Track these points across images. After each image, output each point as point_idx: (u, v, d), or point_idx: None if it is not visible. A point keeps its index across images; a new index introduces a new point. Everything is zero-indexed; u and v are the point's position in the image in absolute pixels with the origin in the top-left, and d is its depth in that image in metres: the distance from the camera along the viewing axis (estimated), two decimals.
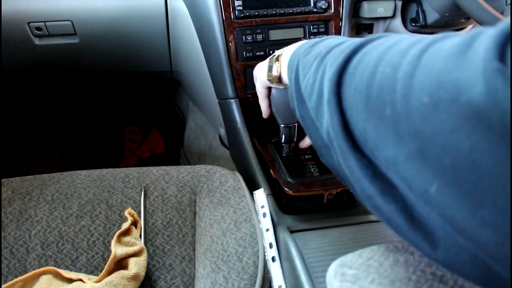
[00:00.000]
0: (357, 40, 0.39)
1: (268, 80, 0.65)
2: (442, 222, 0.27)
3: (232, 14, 0.90)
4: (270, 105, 0.74)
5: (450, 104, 0.23)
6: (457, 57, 0.24)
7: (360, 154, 0.34)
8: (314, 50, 0.47)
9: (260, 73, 0.68)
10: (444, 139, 0.24)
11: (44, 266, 0.68)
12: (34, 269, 0.68)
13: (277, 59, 0.60)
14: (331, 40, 0.46)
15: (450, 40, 0.27)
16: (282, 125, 0.76)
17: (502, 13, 0.82)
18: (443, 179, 0.25)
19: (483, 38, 0.23)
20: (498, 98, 0.21)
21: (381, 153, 0.31)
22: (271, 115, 0.76)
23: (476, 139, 0.22)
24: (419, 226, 0.30)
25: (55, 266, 0.69)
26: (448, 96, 0.24)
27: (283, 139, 0.78)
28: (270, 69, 0.63)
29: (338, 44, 0.42)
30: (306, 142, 0.81)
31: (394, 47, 0.32)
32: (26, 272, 0.68)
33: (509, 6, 0.85)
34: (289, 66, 0.54)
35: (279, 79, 0.61)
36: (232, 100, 0.95)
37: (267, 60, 0.65)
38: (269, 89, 0.72)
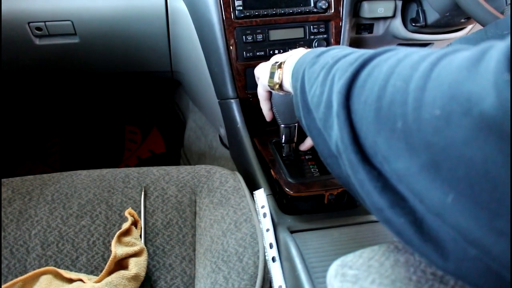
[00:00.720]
0: (365, 52, 0.39)
1: (269, 86, 0.65)
2: (454, 234, 0.27)
3: (232, 14, 0.90)
4: (271, 108, 0.74)
5: (462, 116, 0.24)
6: (469, 70, 0.24)
7: (370, 166, 0.34)
8: (320, 60, 0.47)
9: (262, 76, 0.68)
10: (457, 151, 0.24)
11: (44, 266, 0.68)
12: (34, 269, 0.68)
13: (280, 66, 0.60)
14: (337, 51, 0.46)
15: (461, 54, 0.27)
16: (282, 125, 0.76)
17: (502, 13, 0.82)
18: (458, 191, 0.25)
19: (494, 51, 0.24)
20: (510, 109, 0.21)
21: (392, 165, 0.31)
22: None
23: (489, 150, 0.22)
24: (429, 238, 0.30)
25: (55, 266, 0.69)
26: (460, 108, 0.24)
27: (283, 139, 0.78)
28: (272, 75, 0.62)
29: (345, 55, 0.42)
30: (306, 144, 0.81)
31: (405, 60, 0.32)
32: (26, 272, 0.68)
33: (509, 6, 0.85)
34: (294, 75, 0.53)
35: (280, 86, 0.61)
36: (232, 100, 0.95)
37: (269, 65, 0.64)
38: (270, 92, 0.72)
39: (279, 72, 0.60)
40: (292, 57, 0.58)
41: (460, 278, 0.30)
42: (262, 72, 0.68)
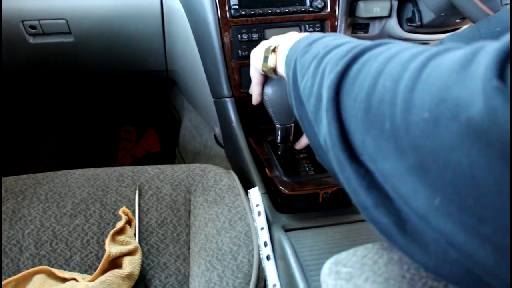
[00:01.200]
0: (356, 45, 0.38)
1: (263, 70, 0.64)
2: (437, 237, 0.27)
3: (228, 13, 0.90)
4: (262, 93, 0.74)
5: (450, 121, 0.23)
6: (458, 73, 0.24)
7: (357, 164, 0.34)
8: (312, 49, 0.46)
9: (255, 61, 0.68)
10: (445, 155, 0.24)
11: (38, 266, 0.68)
12: (27, 269, 0.67)
13: (274, 50, 0.60)
14: (330, 39, 0.46)
15: (451, 54, 0.27)
16: (279, 125, 0.76)
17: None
18: (444, 195, 0.25)
19: (483, 54, 0.23)
20: (497, 117, 0.21)
21: (378, 165, 0.31)
22: (265, 113, 0.76)
23: (476, 157, 0.22)
24: (412, 239, 0.30)
25: (48, 265, 0.68)
26: (448, 112, 0.24)
27: (279, 139, 0.78)
28: (265, 59, 0.62)
29: (337, 45, 0.42)
30: (302, 143, 0.81)
31: (395, 58, 0.31)
32: (19, 272, 0.67)
33: (504, 6, 0.86)
34: (287, 63, 0.53)
35: (274, 71, 0.61)
36: (227, 99, 0.95)
37: (263, 48, 0.64)
38: (264, 76, 0.71)
39: (273, 56, 0.60)
40: (285, 43, 0.57)
41: (442, 278, 0.30)
42: (255, 56, 0.68)
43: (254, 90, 0.74)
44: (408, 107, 0.27)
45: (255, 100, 0.75)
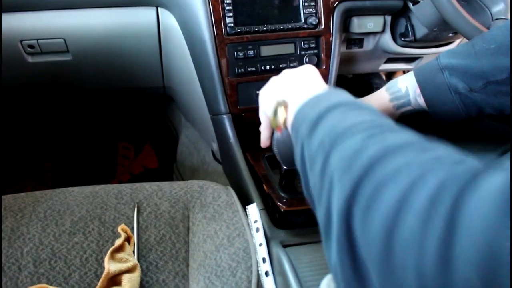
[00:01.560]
0: (364, 141, 0.33)
1: (272, 124, 0.58)
2: None
3: (223, 31, 0.91)
4: (271, 137, 0.71)
5: (507, 281, 0.20)
6: (508, 217, 0.20)
7: None
8: (318, 133, 0.40)
9: (265, 106, 0.61)
10: None
11: (37, 284, 0.68)
12: (26, 287, 0.67)
13: (285, 106, 0.53)
14: (334, 121, 0.40)
15: (487, 185, 0.22)
16: (285, 168, 0.73)
17: (488, 28, 0.84)
18: None
19: None
20: None
21: None
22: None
23: None
24: None
25: (47, 283, 0.68)
26: (505, 271, 0.20)
27: (283, 171, 0.75)
28: (275, 113, 0.55)
29: (343, 134, 0.36)
30: None
31: (418, 187, 0.26)
32: None
33: (495, 22, 0.87)
34: (294, 128, 0.48)
35: (284, 126, 0.55)
36: (224, 116, 0.95)
37: (273, 99, 0.57)
38: None
39: (283, 114, 0.53)
40: (295, 100, 0.51)
41: None
42: (264, 102, 0.61)
43: (263, 133, 0.70)
44: (446, 264, 0.22)
45: (263, 143, 0.71)
